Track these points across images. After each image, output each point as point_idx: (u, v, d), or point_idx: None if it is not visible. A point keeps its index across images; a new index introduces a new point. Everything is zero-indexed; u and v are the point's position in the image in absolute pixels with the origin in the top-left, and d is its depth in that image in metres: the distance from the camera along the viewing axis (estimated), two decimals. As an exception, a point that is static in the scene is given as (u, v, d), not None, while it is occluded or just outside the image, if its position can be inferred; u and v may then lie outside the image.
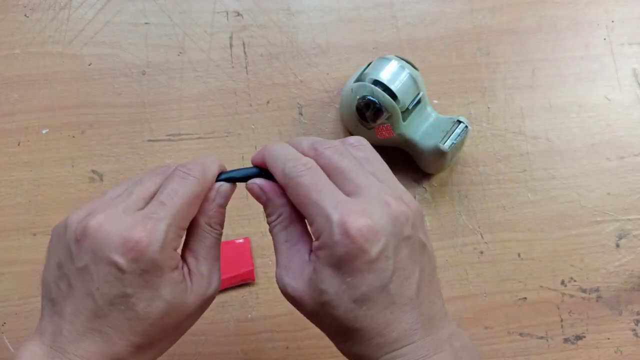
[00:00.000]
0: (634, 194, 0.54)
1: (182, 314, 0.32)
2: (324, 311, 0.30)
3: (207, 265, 0.33)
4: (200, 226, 0.33)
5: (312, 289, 0.30)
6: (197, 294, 0.32)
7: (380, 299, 0.29)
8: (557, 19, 0.59)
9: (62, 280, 0.30)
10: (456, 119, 0.49)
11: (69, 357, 0.29)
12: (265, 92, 0.56)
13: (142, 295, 0.29)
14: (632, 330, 0.51)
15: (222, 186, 0.34)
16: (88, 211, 0.31)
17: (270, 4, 0.58)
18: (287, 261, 0.31)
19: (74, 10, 0.58)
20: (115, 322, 0.29)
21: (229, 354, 0.50)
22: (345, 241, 0.28)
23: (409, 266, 0.29)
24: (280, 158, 0.32)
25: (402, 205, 0.30)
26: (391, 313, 0.29)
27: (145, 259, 0.29)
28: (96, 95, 0.56)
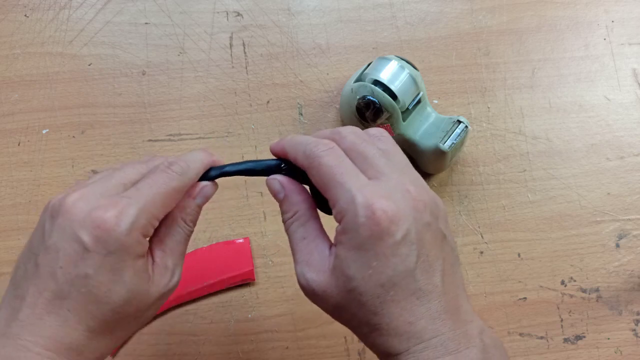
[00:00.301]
0: (634, 194, 0.54)
1: (142, 303, 0.31)
2: (351, 299, 0.29)
3: (173, 259, 0.33)
4: (175, 220, 0.33)
5: (336, 278, 0.29)
6: (159, 286, 0.32)
7: (406, 284, 0.28)
8: (557, 19, 0.59)
9: (29, 260, 0.30)
10: (456, 119, 0.49)
11: (21, 342, 0.28)
12: (265, 92, 0.56)
13: (104, 278, 0.29)
14: (632, 330, 0.51)
15: (206, 187, 0.34)
16: (68, 191, 0.31)
17: (270, 4, 0.58)
18: (307, 256, 0.31)
19: (74, 10, 0.58)
20: (74, 304, 0.29)
21: (229, 354, 0.50)
22: (369, 223, 0.28)
23: (432, 253, 0.29)
24: (301, 143, 0.32)
25: (423, 193, 0.30)
26: (417, 299, 0.29)
27: (110, 239, 0.28)
28: (96, 95, 0.56)
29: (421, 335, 0.29)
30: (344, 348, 0.50)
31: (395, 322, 0.29)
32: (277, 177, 0.33)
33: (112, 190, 0.31)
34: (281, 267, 0.52)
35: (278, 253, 0.52)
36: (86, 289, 0.29)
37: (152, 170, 0.32)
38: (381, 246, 0.28)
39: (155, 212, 0.31)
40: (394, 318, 0.29)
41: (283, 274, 0.51)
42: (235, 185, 0.54)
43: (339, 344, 0.50)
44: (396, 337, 0.29)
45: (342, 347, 0.50)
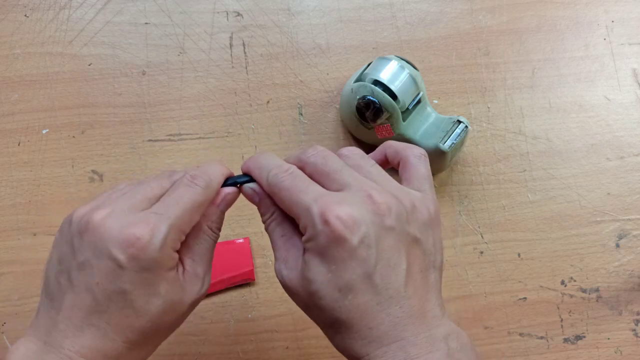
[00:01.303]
0: (634, 194, 0.54)
1: (178, 312, 0.32)
2: (313, 302, 0.30)
3: (203, 266, 0.34)
4: (202, 229, 0.34)
5: (303, 280, 0.30)
6: (191, 294, 0.33)
7: (365, 288, 0.29)
8: (557, 19, 0.59)
9: (62, 274, 0.31)
10: (456, 119, 0.49)
11: (64, 352, 0.29)
12: (265, 92, 0.56)
13: (140, 292, 0.30)
14: (632, 330, 0.51)
15: (229, 194, 0.35)
16: (93, 206, 0.31)
17: (270, 4, 0.59)
18: (284, 254, 0.32)
19: (74, 10, 0.58)
20: (112, 318, 0.30)
21: (229, 354, 0.50)
22: (325, 230, 0.29)
23: (394, 257, 0.29)
24: (264, 168, 0.33)
25: (387, 197, 0.30)
26: (377, 304, 0.29)
27: (144, 257, 0.29)
28: (96, 95, 0.56)
29: (382, 340, 0.29)
30: (344, 348, 0.50)
31: (356, 326, 0.29)
32: (251, 185, 0.34)
33: (139, 206, 0.31)
34: (281, 267, 0.52)
35: (278, 253, 0.52)
36: (124, 303, 0.30)
37: (176, 185, 0.33)
38: (339, 251, 0.29)
39: (184, 227, 0.31)
40: (354, 322, 0.29)
41: (283, 274, 0.51)
42: (235, 185, 0.53)
43: (339, 344, 0.50)
44: (357, 341, 0.29)
45: (342, 347, 0.50)
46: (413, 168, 0.34)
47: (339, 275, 0.29)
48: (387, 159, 0.36)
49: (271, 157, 0.34)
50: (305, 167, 0.33)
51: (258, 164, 0.34)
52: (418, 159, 0.34)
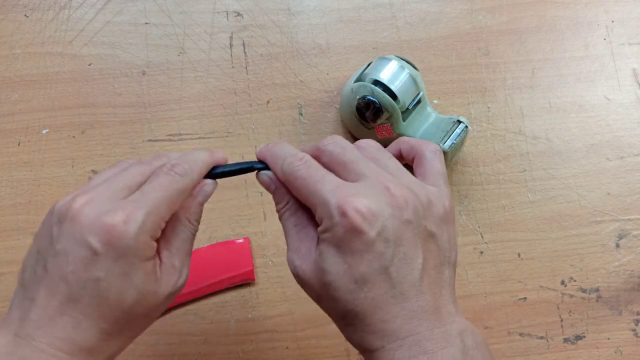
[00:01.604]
0: (634, 194, 0.54)
1: (152, 303, 0.31)
2: (327, 293, 0.30)
3: (180, 258, 0.33)
4: (179, 220, 0.33)
5: (317, 270, 0.30)
6: (167, 286, 0.32)
7: (381, 281, 0.29)
8: (557, 19, 0.59)
9: (38, 264, 0.30)
10: (456, 119, 0.49)
11: (35, 344, 0.29)
12: (265, 92, 0.56)
13: (115, 281, 0.29)
14: (632, 330, 0.51)
15: (206, 185, 0.34)
16: (74, 195, 0.31)
17: (270, 4, 0.59)
18: (297, 244, 0.32)
19: (74, 10, 0.58)
20: (86, 307, 0.29)
21: (229, 354, 0.50)
22: (343, 222, 0.28)
23: (411, 251, 0.29)
24: (279, 156, 0.33)
25: (404, 190, 0.30)
26: (392, 297, 0.29)
27: (120, 244, 0.29)
28: (96, 95, 0.56)
29: (396, 333, 0.29)
30: (344, 348, 0.50)
31: (370, 319, 0.29)
32: (267, 172, 0.34)
33: (119, 194, 0.31)
34: (281, 267, 0.52)
35: (278, 253, 0.52)
36: (97, 292, 0.29)
37: (156, 173, 0.32)
38: (356, 243, 0.28)
39: (162, 215, 0.31)
40: (368, 315, 0.29)
41: (283, 274, 0.51)
42: (235, 185, 0.54)
43: (339, 344, 0.50)
44: (371, 334, 0.29)
45: (342, 347, 0.50)
46: (428, 163, 0.34)
47: (355, 267, 0.29)
48: (401, 154, 0.36)
49: (286, 146, 0.34)
50: (321, 156, 0.32)
51: (272, 152, 0.34)
52: (433, 154, 0.34)
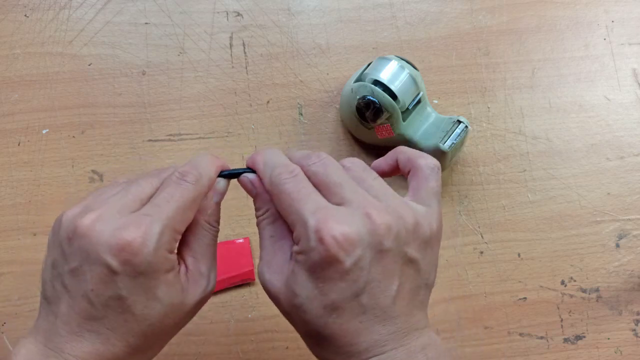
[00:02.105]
0: (634, 194, 0.54)
1: (181, 313, 0.31)
2: (295, 314, 0.30)
3: (206, 263, 0.33)
4: (199, 224, 0.33)
5: (287, 289, 0.30)
6: (196, 293, 0.32)
7: (351, 308, 0.29)
8: (557, 19, 0.59)
9: (56, 279, 0.30)
10: (456, 119, 0.49)
11: (64, 357, 0.29)
12: (265, 92, 0.56)
13: (138, 297, 0.29)
14: (632, 330, 0.51)
15: (219, 183, 0.34)
16: (82, 208, 0.30)
17: (270, 4, 0.58)
18: (270, 257, 0.32)
19: (74, 10, 0.58)
20: (112, 323, 0.29)
21: (229, 354, 0.50)
22: (320, 248, 0.28)
23: (386, 279, 0.29)
24: (268, 165, 0.32)
25: (386, 217, 0.29)
26: (361, 323, 0.29)
27: (138, 261, 0.28)
28: (96, 95, 0.56)
29: (361, 354, 0.29)
30: (344, 348, 0.50)
31: (337, 342, 0.29)
32: (250, 176, 0.34)
33: (130, 207, 0.30)
34: (281, 267, 0.52)
35: (278, 253, 0.52)
36: (122, 309, 0.29)
37: (165, 183, 0.31)
38: (329, 271, 0.28)
39: (177, 227, 0.30)
40: (335, 338, 0.29)
41: (283, 274, 0.51)
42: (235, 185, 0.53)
43: (339, 344, 0.50)
44: (337, 355, 0.29)
45: (342, 347, 0.50)
46: (424, 180, 0.33)
47: (326, 294, 0.28)
48: (397, 164, 0.35)
49: (278, 155, 0.33)
50: (307, 170, 0.32)
51: (263, 159, 0.33)
52: (431, 170, 0.33)
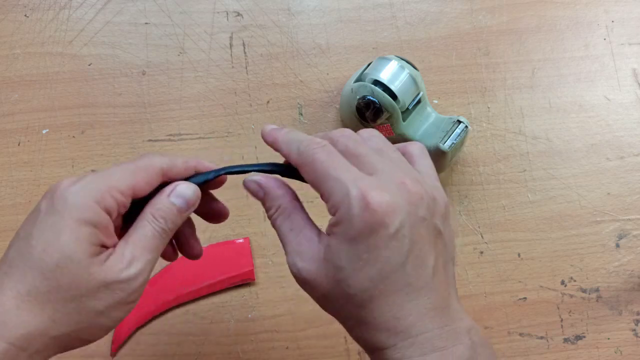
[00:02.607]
0: (634, 194, 0.54)
1: (79, 278, 0.29)
2: (339, 291, 0.29)
3: (134, 249, 0.31)
4: (143, 214, 0.32)
5: (326, 268, 0.29)
6: (108, 271, 0.29)
7: (396, 278, 0.28)
8: (557, 19, 0.59)
9: None
10: (456, 119, 0.49)
11: None
12: (265, 92, 0.56)
13: (43, 237, 0.29)
14: (632, 330, 0.51)
15: (180, 185, 0.33)
16: None
17: (270, 4, 0.59)
18: (297, 247, 0.31)
19: (74, 10, 0.58)
20: (12, 267, 0.29)
21: (229, 354, 0.50)
22: (364, 215, 0.28)
23: (425, 248, 0.29)
24: (294, 140, 0.32)
25: (418, 186, 0.29)
26: (406, 295, 0.28)
27: (57, 198, 0.29)
28: (96, 95, 0.56)
29: (409, 331, 0.28)
30: (344, 348, 0.50)
31: (383, 317, 0.29)
32: (254, 178, 0.34)
33: None
34: (281, 267, 0.52)
35: (278, 253, 0.52)
36: (26, 249, 0.29)
37: None
38: (374, 238, 0.28)
39: (116, 182, 0.30)
40: (381, 313, 0.29)
41: (283, 274, 0.51)
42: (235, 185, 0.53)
43: (339, 344, 0.50)
44: (383, 332, 0.29)
45: (342, 347, 0.50)
46: (421, 161, 0.33)
47: (372, 264, 0.28)
48: None
49: (300, 132, 0.33)
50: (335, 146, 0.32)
51: (287, 136, 0.33)
52: (421, 151, 0.34)
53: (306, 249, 0.31)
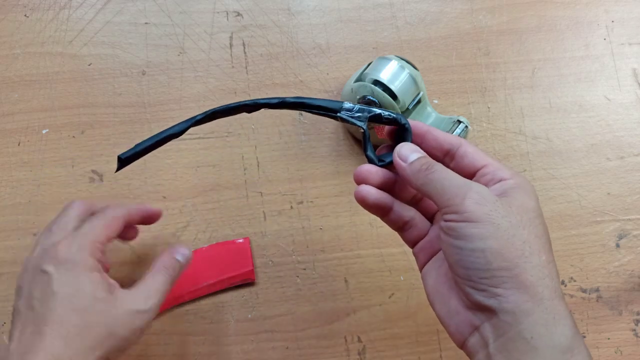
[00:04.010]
0: (634, 194, 0.54)
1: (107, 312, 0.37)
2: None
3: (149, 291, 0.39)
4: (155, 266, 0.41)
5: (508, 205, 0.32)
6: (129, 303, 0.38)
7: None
8: (557, 19, 0.59)
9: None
10: (456, 119, 0.49)
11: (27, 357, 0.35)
12: (265, 92, 0.56)
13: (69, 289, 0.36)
14: (632, 330, 0.51)
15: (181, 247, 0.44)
16: None
17: (270, 4, 0.58)
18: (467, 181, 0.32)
19: (74, 10, 0.58)
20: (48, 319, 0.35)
21: (229, 354, 0.50)
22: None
23: None
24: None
25: None
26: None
27: (65, 261, 0.37)
28: (96, 95, 0.56)
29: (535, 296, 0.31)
30: (344, 348, 0.50)
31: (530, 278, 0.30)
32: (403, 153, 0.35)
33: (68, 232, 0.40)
34: (281, 267, 0.52)
35: (278, 253, 0.52)
36: (56, 302, 0.36)
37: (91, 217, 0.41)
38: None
39: (97, 238, 0.39)
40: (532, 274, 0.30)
41: (283, 274, 0.51)
42: (235, 185, 0.54)
43: (339, 344, 0.50)
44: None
45: (342, 347, 0.50)
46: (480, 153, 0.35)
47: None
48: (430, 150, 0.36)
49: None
50: None
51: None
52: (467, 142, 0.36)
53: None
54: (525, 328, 0.29)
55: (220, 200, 0.53)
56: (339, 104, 0.37)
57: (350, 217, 0.53)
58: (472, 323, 0.31)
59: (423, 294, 0.36)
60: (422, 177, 0.33)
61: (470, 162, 0.34)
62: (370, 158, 0.37)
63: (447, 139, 0.36)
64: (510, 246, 0.29)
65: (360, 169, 0.36)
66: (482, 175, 0.34)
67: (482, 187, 0.31)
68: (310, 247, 0.52)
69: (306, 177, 0.54)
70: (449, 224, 0.31)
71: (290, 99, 0.36)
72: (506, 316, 0.29)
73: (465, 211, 0.30)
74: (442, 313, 0.34)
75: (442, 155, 0.36)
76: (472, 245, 0.30)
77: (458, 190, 0.31)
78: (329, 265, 0.52)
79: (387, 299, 0.51)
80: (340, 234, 0.53)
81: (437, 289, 0.34)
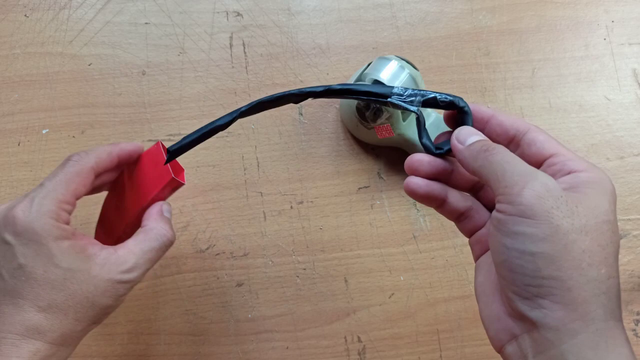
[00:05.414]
0: (634, 194, 0.54)
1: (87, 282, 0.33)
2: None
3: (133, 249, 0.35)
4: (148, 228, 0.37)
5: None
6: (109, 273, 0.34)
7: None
8: (557, 19, 0.59)
9: None
10: (456, 119, 0.49)
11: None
12: (265, 92, 0.56)
13: (36, 262, 0.32)
14: (632, 330, 0.51)
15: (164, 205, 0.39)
16: None
17: (270, 4, 0.59)
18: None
19: (74, 10, 0.58)
20: (21, 292, 0.32)
21: (229, 354, 0.50)
22: None
23: None
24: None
25: None
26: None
27: (25, 230, 0.32)
28: (96, 95, 0.56)
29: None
30: (344, 348, 0.50)
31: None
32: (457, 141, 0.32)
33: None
34: (281, 267, 0.52)
35: (278, 253, 0.52)
36: (25, 276, 0.32)
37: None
38: None
39: (61, 197, 0.33)
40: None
41: (283, 274, 0.51)
42: (235, 185, 0.54)
43: (339, 344, 0.50)
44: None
45: (342, 347, 0.50)
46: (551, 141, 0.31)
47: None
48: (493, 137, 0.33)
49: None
50: None
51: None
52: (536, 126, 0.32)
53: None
54: (568, 350, 0.25)
55: (220, 200, 0.53)
56: (389, 88, 0.35)
57: (350, 217, 0.53)
58: (511, 331, 0.28)
59: (423, 294, 0.36)
60: (481, 159, 0.29)
61: (538, 151, 0.30)
62: (426, 146, 0.34)
63: (515, 124, 0.32)
64: (567, 254, 0.25)
65: (410, 159, 0.33)
66: (550, 165, 0.30)
67: (550, 179, 0.27)
68: (310, 247, 0.52)
69: (306, 177, 0.54)
70: (500, 215, 0.27)
71: (337, 86, 0.35)
72: (548, 333, 0.26)
73: (521, 203, 0.26)
74: (483, 314, 0.31)
75: (507, 143, 0.32)
76: (522, 246, 0.26)
77: (519, 177, 0.27)
78: (328, 265, 0.52)
79: (387, 299, 0.51)
80: (340, 234, 0.53)
81: (483, 288, 0.31)
